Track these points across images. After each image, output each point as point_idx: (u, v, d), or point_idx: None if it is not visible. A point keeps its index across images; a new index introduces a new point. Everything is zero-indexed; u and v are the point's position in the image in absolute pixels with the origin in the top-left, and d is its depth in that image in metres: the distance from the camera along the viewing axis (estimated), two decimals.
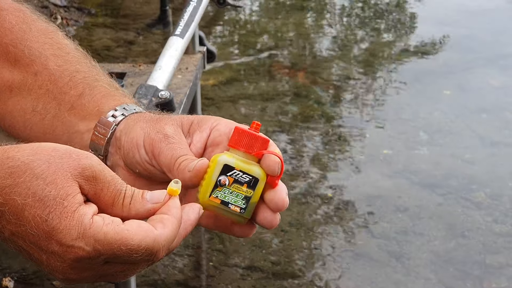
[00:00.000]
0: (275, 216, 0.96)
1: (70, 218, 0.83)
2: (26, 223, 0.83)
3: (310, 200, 2.83)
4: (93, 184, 0.86)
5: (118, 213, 0.87)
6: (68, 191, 0.83)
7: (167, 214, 0.87)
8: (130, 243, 0.83)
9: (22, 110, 1.10)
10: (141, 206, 0.88)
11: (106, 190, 0.86)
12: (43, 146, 0.86)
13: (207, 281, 2.37)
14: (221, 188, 0.93)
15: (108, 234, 0.83)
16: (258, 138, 0.94)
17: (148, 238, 0.84)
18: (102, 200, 0.87)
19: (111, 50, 4.07)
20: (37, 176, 0.83)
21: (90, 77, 1.10)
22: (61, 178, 0.84)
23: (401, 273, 2.44)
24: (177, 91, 2.17)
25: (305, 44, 4.36)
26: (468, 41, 4.35)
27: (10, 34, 1.12)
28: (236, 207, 0.94)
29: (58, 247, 0.83)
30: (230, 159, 0.93)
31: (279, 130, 3.33)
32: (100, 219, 0.84)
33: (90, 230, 0.82)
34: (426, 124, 3.42)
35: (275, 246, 2.54)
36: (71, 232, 0.82)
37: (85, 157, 0.86)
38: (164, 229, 0.85)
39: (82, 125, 1.07)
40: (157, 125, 1.00)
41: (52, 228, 0.82)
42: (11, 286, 2.27)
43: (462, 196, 2.86)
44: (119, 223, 0.84)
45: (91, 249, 0.83)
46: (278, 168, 0.94)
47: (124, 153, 1.01)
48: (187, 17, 2.27)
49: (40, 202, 0.83)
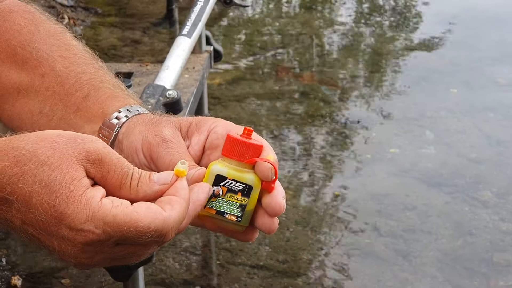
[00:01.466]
0: (273, 220, 0.95)
1: (78, 201, 0.83)
2: (34, 210, 0.83)
3: (316, 199, 2.83)
4: (99, 167, 0.86)
5: (125, 195, 0.87)
6: (73, 175, 0.84)
7: (175, 196, 0.87)
8: (140, 225, 0.83)
9: (30, 112, 1.11)
10: (148, 188, 0.88)
11: (113, 172, 0.87)
12: (48, 133, 0.87)
13: (214, 280, 2.38)
14: (215, 198, 0.93)
15: (117, 216, 0.83)
16: (249, 146, 0.93)
17: (157, 220, 0.84)
18: (109, 183, 0.87)
19: (117, 49, 4.08)
20: (43, 163, 0.83)
21: (95, 79, 1.10)
22: (66, 164, 0.84)
23: (408, 271, 2.44)
24: (184, 90, 2.18)
25: (311, 42, 4.36)
26: (475, 40, 4.34)
27: (18, 36, 1.12)
28: (232, 216, 0.93)
29: (67, 231, 0.83)
30: (223, 168, 0.92)
31: (285, 129, 3.33)
32: (109, 202, 0.84)
33: (99, 213, 0.83)
34: (432, 123, 3.42)
35: (282, 244, 2.54)
36: (80, 216, 0.83)
37: (90, 140, 0.86)
38: (172, 210, 0.85)
39: (88, 127, 1.07)
40: (155, 129, 1.00)
41: (60, 213, 0.83)
42: (20, 284, 2.28)
43: (469, 194, 2.86)
44: (128, 205, 0.85)
45: (101, 232, 0.83)
46: (272, 174, 0.93)
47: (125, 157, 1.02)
48: (194, 17, 2.27)
49: (47, 188, 0.83)
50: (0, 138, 0.87)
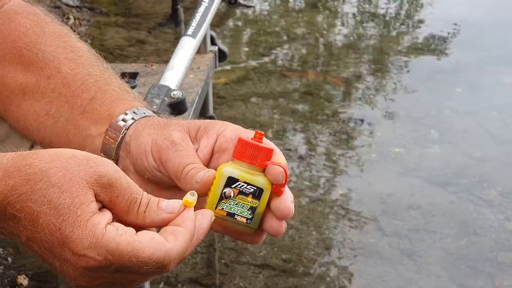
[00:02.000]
0: (281, 224, 0.96)
1: (83, 227, 0.84)
2: (40, 230, 0.84)
3: (321, 198, 2.83)
4: (109, 191, 0.86)
5: (133, 220, 0.88)
6: (82, 199, 0.84)
7: (180, 226, 0.88)
8: (141, 256, 0.83)
9: (36, 113, 1.11)
10: (155, 215, 0.88)
11: (121, 197, 0.87)
12: (61, 152, 0.87)
13: (219, 279, 2.38)
14: (227, 200, 0.94)
15: (120, 245, 0.83)
16: (261, 149, 0.94)
17: (159, 252, 0.84)
18: (117, 207, 0.87)
19: (123, 49, 4.09)
20: (53, 184, 0.84)
21: (101, 81, 1.11)
22: (76, 187, 0.84)
23: (413, 270, 2.45)
24: (189, 90, 2.18)
25: (316, 42, 4.36)
26: (479, 40, 4.34)
27: (24, 37, 1.13)
28: (242, 218, 0.95)
29: (70, 255, 0.84)
30: (234, 171, 0.93)
31: (290, 128, 3.34)
32: (114, 229, 0.85)
33: (102, 240, 0.83)
34: (437, 122, 3.42)
35: (287, 243, 2.55)
36: (83, 242, 0.83)
37: (102, 164, 0.87)
38: (176, 241, 0.86)
39: (94, 129, 1.08)
40: (164, 132, 1.00)
41: (65, 236, 0.83)
42: (26, 283, 2.29)
43: (474, 194, 2.86)
44: (132, 233, 0.85)
45: (102, 259, 0.83)
46: (282, 178, 0.94)
47: (133, 159, 1.02)
48: (199, 17, 2.28)
49: (55, 210, 0.84)
50: (15, 153, 0.88)
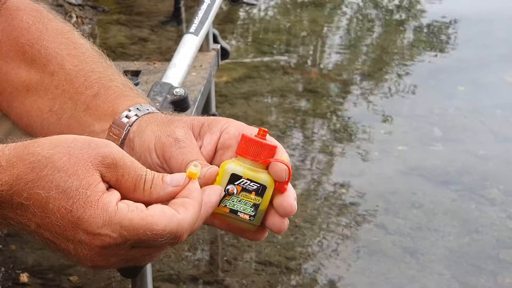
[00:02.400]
0: (283, 221, 0.97)
1: (95, 206, 0.84)
2: (51, 215, 0.85)
3: (324, 196, 2.83)
4: (114, 171, 0.87)
5: (139, 197, 0.88)
6: (90, 180, 0.85)
7: (188, 198, 0.88)
8: (155, 228, 0.84)
9: (39, 110, 1.11)
10: (161, 190, 0.89)
11: (127, 176, 0.88)
12: (62, 138, 0.88)
13: (222, 276, 2.39)
14: (230, 197, 0.94)
15: (133, 220, 0.84)
16: (265, 146, 0.94)
17: (172, 223, 0.85)
18: (123, 186, 0.88)
19: (125, 48, 4.09)
20: (59, 169, 0.85)
21: (105, 77, 1.11)
22: (82, 169, 0.85)
23: (415, 268, 2.45)
24: (191, 88, 2.18)
25: (319, 40, 4.36)
26: (482, 38, 4.34)
27: (26, 34, 1.13)
28: (245, 215, 0.95)
29: (85, 235, 0.85)
30: (238, 167, 0.94)
31: (292, 127, 3.34)
32: (125, 206, 0.85)
33: (115, 217, 0.84)
34: (440, 120, 3.42)
35: (289, 241, 2.55)
36: (97, 220, 0.84)
37: (104, 145, 0.88)
38: (186, 212, 0.87)
39: (98, 125, 1.08)
40: (168, 128, 1.00)
41: (77, 218, 0.84)
42: (28, 281, 2.30)
43: (476, 192, 2.86)
44: (143, 209, 0.86)
45: (118, 236, 0.84)
46: (286, 175, 0.94)
47: (137, 155, 1.02)
48: (201, 15, 2.28)
49: (64, 194, 0.84)
50: (16, 143, 0.88)
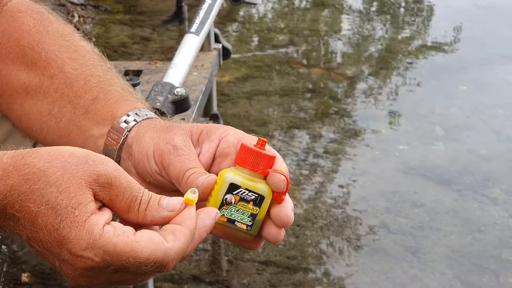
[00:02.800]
0: (280, 231, 0.96)
1: (81, 227, 0.83)
2: (39, 230, 0.84)
3: (325, 196, 2.83)
4: (108, 190, 0.86)
5: (133, 218, 0.87)
6: (80, 199, 0.84)
7: (180, 225, 0.87)
8: (139, 256, 0.83)
9: (39, 113, 1.11)
10: (156, 213, 0.88)
11: (121, 196, 0.87)
12: (61, 151, 0.87)
13: (223, 276, 2.39)
14: (228, 206, 0.94)
15: (117, 246, 0.83)
16: (263, 156, 0.94)
17: (158, 252, 0.84)
18: (117, 206, 0.87)
19: (127, 47, 4.09)
20: (51, 184, 0.84)
21: (104, 81, 1.10)
22: (74, 186, 0.84)
23: (417, 268, 2.44)
24: (193, 88, 2.19)
25: (321, 40, 4.36)
26: (484, 37, 4.33)
27: (27, 36, 1.13)
28: (242, 225, 0.94)
29: (68, 255, 0.84)
30: (236, 177, 0.93)
31: (294, 126, 3.34)
32: (111, 229, 0.84)
33: (99, 241, 0.83)
34: (442, 119, 3.41)
35: (291, 240, 2.55)
36: (81, 242, 0.83)
37: (101, 162, 0.86)
38: (175, 241, 0.85)
39: (96, 129, 1.08)
40: (167, 136, 1.00)
41: (63, 237, 0.83)
42: (30, 281, 2.30)
43: (478, 191, 2.86)
44: (130, 234, 0.84)
45: (100, 260, 0.83)
46: (284, 185, 0.93)
47: (135, 162, 1.02)
48: (203, 15, 2.28)
49: (53, 211, 0.83)
50: (14, 152, 0.87)
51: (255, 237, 0.97)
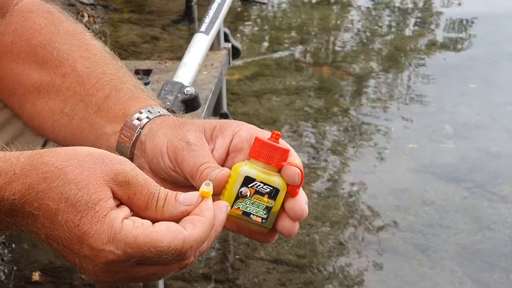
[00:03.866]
0: (294, 224, 0.97)
1: (101, 222, 0.84)
2: (59, 227, 0.85)
3: (335, 194, 2.83)
4: (126, 189, 0.87)
5: (151, 216, 0.88)
6: (100, 195, 0.85)
7: (199, 216, 0.88)
8: (160, 245, 0.84)
9: (51, 111, 1.12)
10: (174, 209, 0.88)
11: (139, 194, 0.88)
12: (78, 150, 0.88)
13: (233, 274, 2.39)
14: (243, 199, 0.94)
15: (138, 237, 0.84)
16: (278, 149, 0.94)
17: (177, 239, 0.85)
18: (135, 204, 0.88)
19: (137, 46, 4.10)
20: (70, 181, 0.84)
21: (116, 79, 1.11)
22: (94, 183, 0.85)
23: (427, 266, 2.44)
24: (202, 87, 2.19)
25: (330, 38, 4.36)
26: (493, 35, 4.32)
27: (38, 35, 1.13)
28: (257, 217, 0.95)
29: (89, 251, 0.85)
30: (251, 170, 0.94)
31: (303, 125, 3.34)
32: (130, 223, 0.85)
33: (120, 234, 0.84)
34: (451, 117, 3.41)
35: (301, 239, 2.55)
36: (102, 237, 0.84)
37: (118, 162, 0.87)
38: (194, 229, 0.86)
39: (109, 127, 1.08)
40: (180, 132, 1.00)
41: (83, 232, 0.84)
42: (40, 279, 2.31)
43: (488, 189, 2.85)
44: (149, 225, 0.85)
45: (122, 253, 0.84)
46: (298, 178, 0.94)
47: (149, 159, 1.03)
48: (212, 14, 2.28)
49: (73, 207, 0.84)
50: (32, 152, 0.88)
51: (269, 230, 0.98)
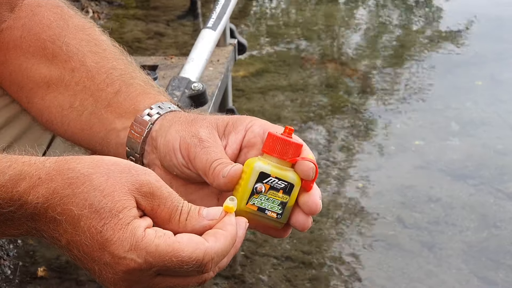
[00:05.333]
0: (307, 219, 0.96)
1: (124, 230, 0.84)
2: (81, 233, 0.84)
3: (341, 190, 2.83)
4: (150, 200, 0.87)
5: (174, 228, 0.88)
6: (124, 204, 0.85)
7: (221, 230, 0.88)
8: (181, 255, 0.84)
9: (60, 106, 1.11)
10: (197, 223, 0.88)
11: (163, 206, 0.87)
12: (104, 159, 0.88)
13: (239, 270, 2.39)
14: (258, 195, 0.94)
15: (159, 246, 0.84)
16: (291, 144, 0.94)
17: (198, 250, 0.84)
18: (158, 216, 0.88)
19: (141, 42, 4.10)
20: (95, 188, 0.84)
21: (126, 74, 1.11)
22: (119, 192, 0.85)
23: (433, 263, 2.44)
24: (208, 83, 2.19)
25: (335, 34, 4.35)
26: (499, 32, 4.31)
27: (48, 30, 1.13)
28: (272, 213, 0.95)
29: (110, 258, 0.84)
30: (266, 166, 0.93)
31: (309, 121, 3.33)
32: (153, 232, 0.85)
33: (142, 243, 0.83)
34: (457, 114, 3.40)
35: (306, 235, 2.55)
36: (124, 244, 0.83)
37: (143, 173, 0.87)
38: (216, 242, 0.86)
39: (119, 123, 1.08)
40: (192, 128, 1.00)
41: (105, 239, 0.84)
42: (46, 275, 2.31)
43: (494, 186, 2.84)
44: (171, 235, 0.85)
45: (143, 261, 0.84)
46: (313, 173, 0.94)
47: (161, 155, 1.02)
48: (219, 10, 2.28)
49: (96, 214, 0.84)
50: (57, 157, 0.88)
51: (283, 225, 0.97)
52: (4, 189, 0.85)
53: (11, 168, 0.86)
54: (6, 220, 0.87)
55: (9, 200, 0.85)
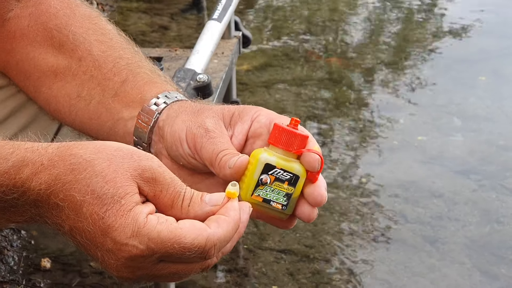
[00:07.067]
0: (313, 210, 0.97)
1: (126, 216, 0.84)
2: (83, 220, 0.84)
3: (343, 185, 2.83)
4: (152, 185, 0.87)
5: (176, 214, 0.88)
6: (126, 190, 0.85)
7: (224, 215, 0.88)
8: (183, 241, 0.84)
9: (67, 95, 1.12)
10: (199, 208, 0.88)
11: (165, 192, 0.87)
12: (107, 145, 0.87)
13: (242, 264, 2.39)
14: (263, 186, 0.94)
15: (161, 233, 0.83)
16: (297, 136, 0.95)
17: (200, 237, 0.84)
18: (161, 202, 0.88)
19: (146, 35, 4.10)
20: (97, 174, 0.84)
21: (133, 64, 1.11)
22: (121, 177, 0.85)
23: (436, 258, 2.44)
24: (213, 75, 2.19)
25: (339, 29, 4.35)
26: (503, 27, 4.31)
27: (54, 19, 1.13)
28: (278, 204, 0.95)
29: (112, 244, 0.84)
30: (271, 157, 0.94)
31: (312, 116, 3.33)
32: (155, 218, 0.85)
33: (144, 229, 0.83)
34: (460, 110, 3.40)
35: (309, 230, 2.55)
36: (126, 230, 0.83)
37: (146, 158, 0.87)
38: (218, 228, 0.86)
39: (126, 112, 1.08)
40: (198, 119, 1.00)
41: (108, 225, 0.84)
42: (49, 266, 2.31)
43: (497, 182, 2.84)
44: (173, 222, 0.85)
45: (145, 247, 0.84)
46: (318, 165, 0.94)
47: (167, 145, 1.02)
48: (225, 2, 2.28)
49: (98, 200, 0.84)
50: (60, 143, 0.88)
51: (288, 216, 0.98)
52: (7, 176, 0.85)
53: (14, 154, 0.86)
54: (10, 207, 0.87)
55: (12, 186, 0.85)
